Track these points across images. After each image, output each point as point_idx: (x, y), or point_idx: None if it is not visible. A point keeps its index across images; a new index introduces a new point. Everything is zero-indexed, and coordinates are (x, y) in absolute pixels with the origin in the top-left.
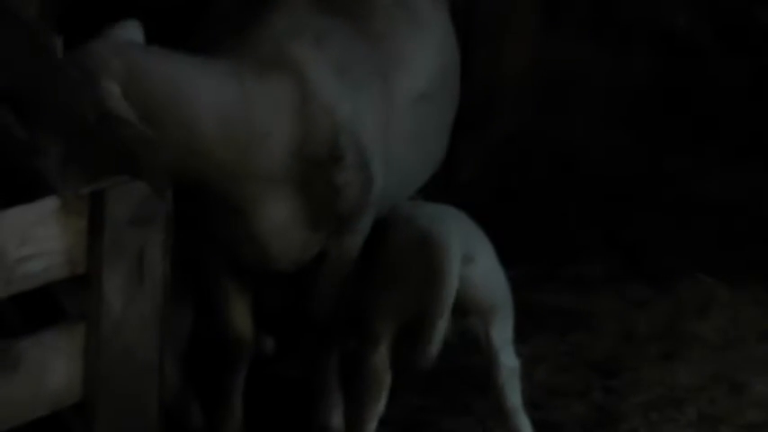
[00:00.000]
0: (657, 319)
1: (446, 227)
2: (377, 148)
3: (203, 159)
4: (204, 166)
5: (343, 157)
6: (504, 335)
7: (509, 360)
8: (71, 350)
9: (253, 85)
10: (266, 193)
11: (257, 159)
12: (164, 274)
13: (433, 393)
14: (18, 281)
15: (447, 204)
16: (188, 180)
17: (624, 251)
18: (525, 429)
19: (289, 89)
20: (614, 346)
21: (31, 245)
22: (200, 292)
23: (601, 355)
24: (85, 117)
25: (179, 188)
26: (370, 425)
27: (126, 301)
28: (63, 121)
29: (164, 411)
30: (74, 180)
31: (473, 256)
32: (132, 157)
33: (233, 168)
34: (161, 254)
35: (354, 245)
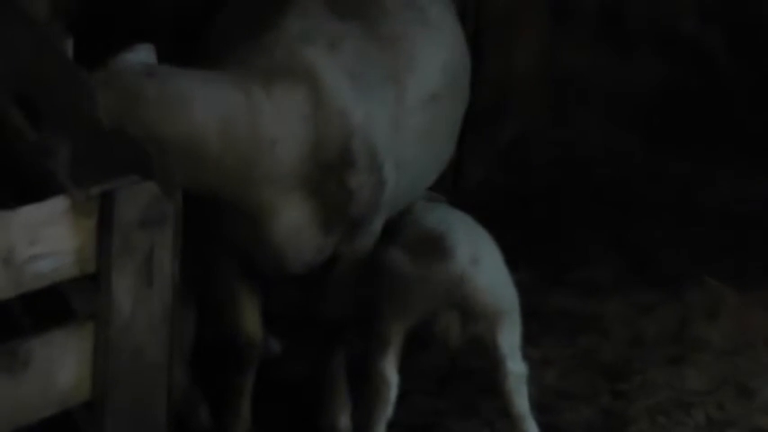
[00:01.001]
0: (666, 323)
1: (452, 229)
2: (388, 150)
3: (211, 171)
4: (213, 178)
5: (356, 161)
6: (512, 340)
7: (516, 366)
8: (80, 350)
9: (259, 95)
10: (279, 200)
11: (267, 167)
12: (173, 274)
13: (441, 396)
14: (27, 280)
15: (454, 206)
16: (200, 190)
17: (632, 255)
18: None
19: (301, 95)
20: (623, 349)
21: (40, 244)
22: (205, 292)
23: (609, 358)
24: (96, 117)
25: (193, 194)
26: (379, 428)
27: (135, 301)
28: (73, 121)
29: (172, 411)
30: (84, 180)
31: (478, 260)
32: (143, 158)
33: (241, 177)
34: (170, 254)
35: (365, 247)
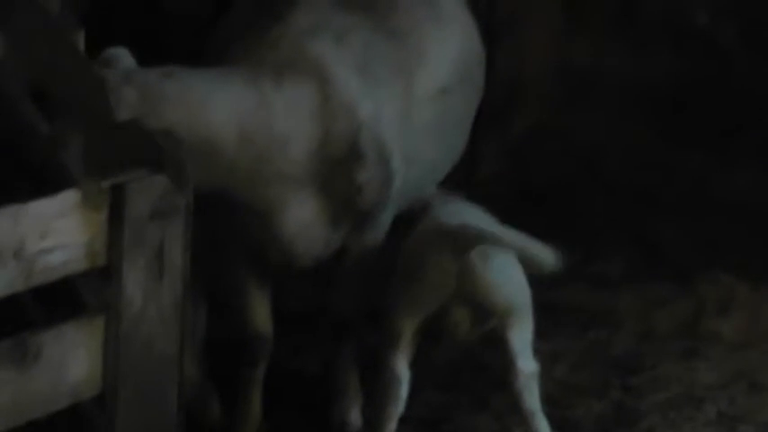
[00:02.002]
0: (678, 317)
1: (464, 224)
2: (397, 144)
3: (226, 169)
4: (227, 175)
5: (365, 154)
6: (523, 338)
7: (527, 365)
8: (91, 343)
9: (271, 91)
10: (289, 196)
11: (279, 164)
12: (184, 267)
13: (452, 389)
14: (38, 273)
15: (467, 200)
16: (212, 187)
17: (645, 249)
18: (543, 431)
19: (309, 89)
20: (634, 343)
21: (51, 237)
22: (215, 286)
23: (620, 352)
24: (108, 110)
25: (201, 192)
26: (390, 424)
27: (146, 294)
28: (85, 114)
29: (183, 405)
30: (95, 173)
31: (489, 256)
32: (154, 151)
33: (255, 175)
34: (181, 247)
35: (374, 240)
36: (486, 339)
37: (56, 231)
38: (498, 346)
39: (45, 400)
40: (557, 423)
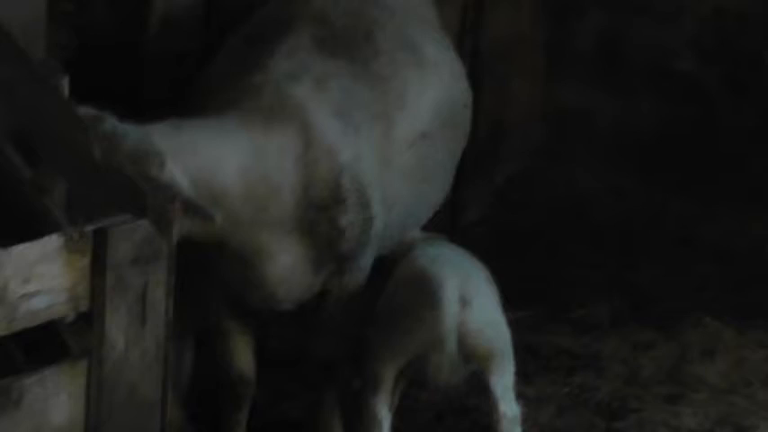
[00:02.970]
0: (663, 361)
1: (442, 269)
2: (377, 188)
3: (231, 221)
4: (230, 226)
5: (346, 198)
6: (505, 382)
7: (509, 409)
8: (74, 387)
9: (263, 140)
10: (275, 242)
11: (272, 211)
12: (167, 312)
13: None
14: (21, 318)
15: (451, 242)
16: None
17: (630, 294)
18: None
19: (291, 135)
20: (619, 388)
21: (34, 282)
22: (201, 330)
23: (606, 397)
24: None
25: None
26: None
27: (129, 338)
28: (68, 159)
29: None
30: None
31: (470, 301)
32: (137, 196)
33: (251, 222)
34: (164, 292)
35: (355, 283)
36: (470, 383)
37: (39, 276)
38: (481, 390)
39: None
40: None
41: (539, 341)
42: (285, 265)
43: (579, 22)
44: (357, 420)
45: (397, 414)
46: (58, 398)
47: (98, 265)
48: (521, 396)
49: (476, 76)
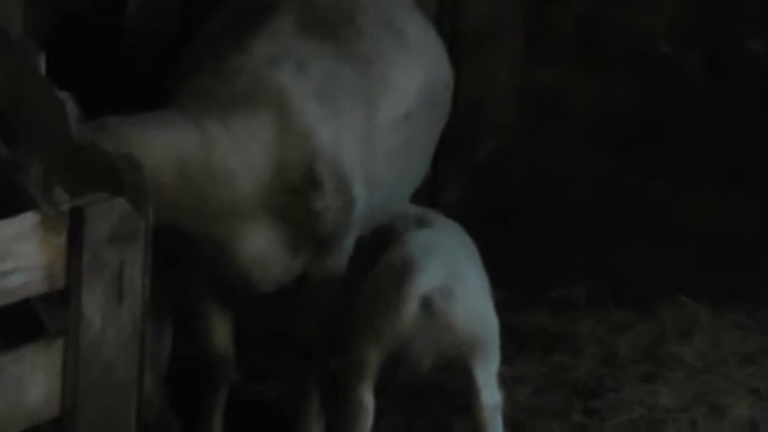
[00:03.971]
0: (639, 341)
1: (426, 256)
2: (359, 170)
3: (172, 208)
4: (171, 215)
5: (321, 182)
6: (488, 371)
7: (491, 398)
8: (50, 366)
9: (215, 129)
10: (244, 227)
11: (222, 201)
12: (143, 291)
13: (416, 415)
14: None
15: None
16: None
17: (607, 274)
18: None
19: (264, 120)
20: (596, 367)
21: (10, 260)
22: (180, 310)
23: (583, 376)
24: (68, 134)
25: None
26: None
27: (105, 317)
28: (45, 137)
29: (143, 429)
30: (55, 196)
31: (453, 291)
32: (114, 174)
33: (198, 212)
34: (141, 271)
35: (336, 266)
36: (449, 368)
37: (15, 254)
38: (462, 374)
39: (2, 423)
40: None
41: (516, 321)
42: (256, 247)
43: (559, 3)
44: (335, 401)
45: (375, 396)
46: (33, 376)
47: (75, 244)
48: (499, 376)
49: (455, 56)
